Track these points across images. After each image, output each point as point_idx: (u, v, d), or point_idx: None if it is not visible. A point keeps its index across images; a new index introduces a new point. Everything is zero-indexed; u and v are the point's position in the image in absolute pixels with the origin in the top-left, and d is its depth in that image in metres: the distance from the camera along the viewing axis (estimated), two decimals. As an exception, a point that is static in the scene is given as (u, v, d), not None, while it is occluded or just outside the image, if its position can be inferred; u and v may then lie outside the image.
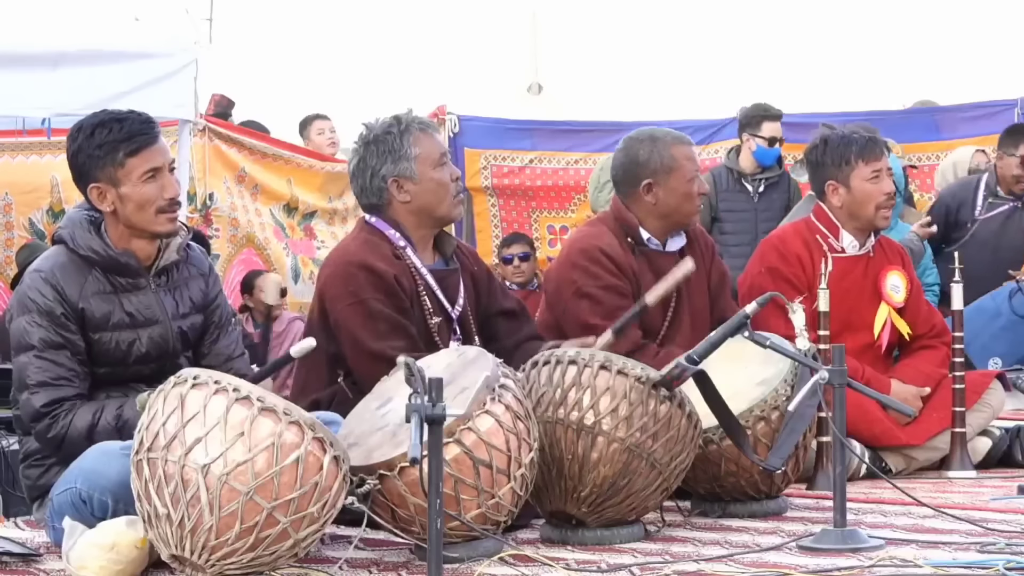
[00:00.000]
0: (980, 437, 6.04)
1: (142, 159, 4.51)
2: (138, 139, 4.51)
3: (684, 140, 5.77)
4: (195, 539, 3.86)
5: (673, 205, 5.65)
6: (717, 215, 9.68)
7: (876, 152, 6.02)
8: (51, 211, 9.99)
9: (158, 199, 4.52)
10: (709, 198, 9.68)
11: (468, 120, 11.38)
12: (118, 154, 4.49)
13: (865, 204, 5.99)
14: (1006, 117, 10.66)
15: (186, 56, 9.19)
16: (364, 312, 4.93)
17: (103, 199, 4.52)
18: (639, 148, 5.69)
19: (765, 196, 9.61)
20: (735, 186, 9.66)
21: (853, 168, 5.99)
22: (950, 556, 4.06)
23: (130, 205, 4.52)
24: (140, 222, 4.54)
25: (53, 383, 4.44)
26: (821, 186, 6.07)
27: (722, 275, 5.88)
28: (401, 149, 5.07)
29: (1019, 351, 8.26)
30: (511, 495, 4.18)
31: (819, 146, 6.08)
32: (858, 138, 6.03)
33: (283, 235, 10.71)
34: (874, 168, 5.99)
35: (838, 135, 6.06)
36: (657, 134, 5.74)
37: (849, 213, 6.02)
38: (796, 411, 4.58)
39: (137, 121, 4.54)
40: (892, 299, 6.04)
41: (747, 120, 9.82)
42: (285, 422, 3.89)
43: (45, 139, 9.50)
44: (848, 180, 5.99)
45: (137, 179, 4.50)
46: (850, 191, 5.99)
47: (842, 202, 6.01)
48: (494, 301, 5.33)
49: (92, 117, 4.56)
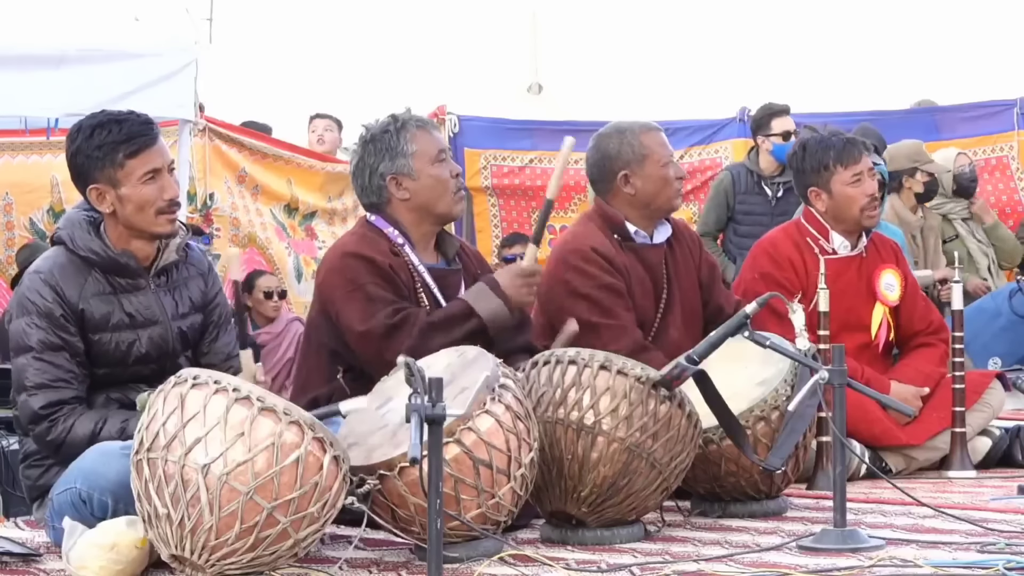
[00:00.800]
0: (980, 437, 6.05)
1: (141, 160, 4.50)
2: (138, 140, 4.50)
3: (652, 127, 5.77)
4: (195, 539, 3.86)
5: (652, 192, 5.65)
6: (733, 215, 9.65)
7: (855, 155, 6.03)
8: (52, 211, 9.99)
9: (157, 200, 4.52)
10: (727, 198, 9.67)
11: (468, 120, 11.38)
12: (118, 155, 4.49)
13: (848, 207, 6.00)
14: (1006, 117, 10.67)
15: (186, 56, 9.18)
16: (363, 296, 4.91)
17: (102, 200, 4.52)
18: (608, 142, 5.70)
19: (783, 200, 9.55)
20: (754, 188, 9.63)
21: (833, 173, 6.01)
22: (950, 556, 4.06)
23: (129, 206, 4.51)
24: (140, 223, 4.53)
25: (51, 385, 4.44)
26: (804, 192, 6.09)
27: (711, 266, 5.89)
28: (398, 146, 5.08)
29: (1019, 351, 8.27)
30: (511, 495, 4.18)
31: (798, 152, 6.10)
32: (836, 142, 6.04)
33: (284, 235, 10.72)
34: (854, 172, 6.00)
35: (816, 140, 6.07)
36: (623, 126, 5.75)
37: (835, 217, 6.03)
38: (796, 411, 4.58)
39: (137, 122, 4.54)
40: (887, 298, 6.05)
41: (757, 123, 9.82)
42: (285, 422, 3.89)
43: (45, 139, 9.49)
44: (829, 185, 6.01)
45: (137, 180, 4.50)
46: (832, 196, 6.01)
47: (826, 207, 6.03)
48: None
49: (91, 118, 4.56)
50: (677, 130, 10.61)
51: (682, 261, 5.75)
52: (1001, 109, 10.82)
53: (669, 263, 5.71)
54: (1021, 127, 10.68)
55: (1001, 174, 10.82)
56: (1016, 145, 10.72)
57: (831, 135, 6.09)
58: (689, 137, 11.09)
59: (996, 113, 10.82)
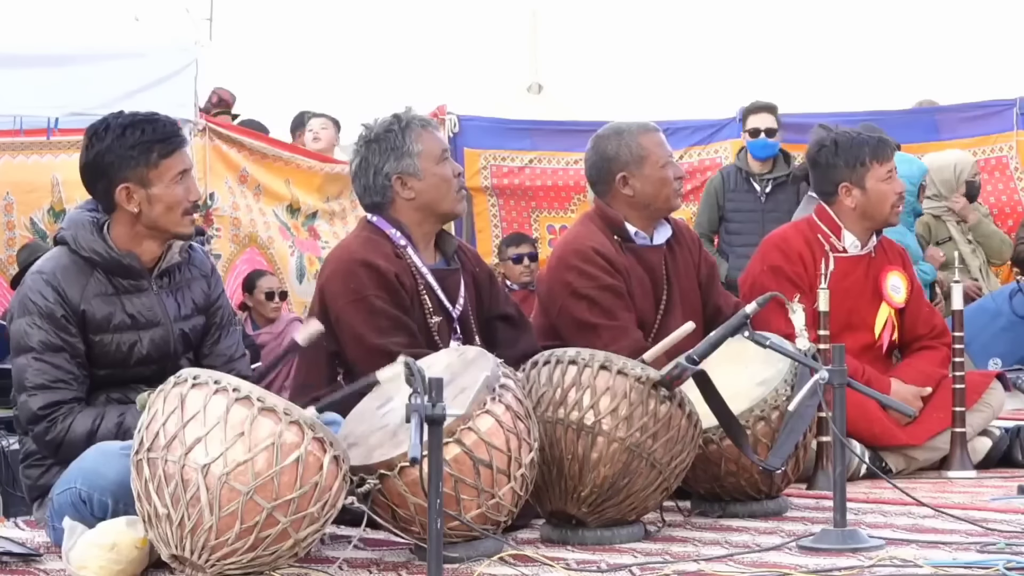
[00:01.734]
0: (980, 437, 6.05)
1: (174, 161, 4.52)
2: (173, 141, 4.52)
3: (651, 128, 5.77)
4: (195, 539, 3.86)
5: (651, 193, 5.65)
6: (724, 214, 9.67)
7: (888, 152, 6.05)
8: (52, 211, 9.97)
9: (184, 201, 4.54)
10: (717, 198, 9.70)
11: (468, 120, 11.38)
12: (152, 155, 4.49)
13: (881, 204, 6.00)
14: (1006, 117, 10.67)
15: (186, 56, 9.19)
16: (366, 309, 4.93)
17: (130, 199, 4.51)
18: (607, 144, 5.70)
19: (772, 197, 9.60)
20: (743, 185, 9.66)
21: (868, 169, 6.00)
22: (950, 556, 4.06)
23: (159, 206, 4.51)
24: (166, 223, 4.54)
25: (51, 386, 4.44)
26: (832, 187, 6.05)
27: (711, 266, 5.89)
28: (404, 146, 5.08)
29: (1019, 351, 8.27)
30: (511, 495, 4.18)
31: (829, 147, 6.06)
32: (870, 139, 6.05)
33: (288, 234, 10.71)
34: (888, 168, 6.02)
35: (849, 136, 6.07)
36: (622, 127, 5.75)
37: (863, 213, 6.02)
38: (796, 411, 4.58)
39: (168, 123, 4.57)
40: (893, 299, 6.05)
41: (741, 119, 9.88)
42: (285, 422, 3.89)
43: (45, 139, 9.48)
44: (863, 181, 5.99)
45: (169, 180, 4.51)
46: (865, 192, 5.99)
47: (856, 203, 6.01)
48: (495, 304, 5.32)
49: (118, 117, 4.54)
50: (677, 130, 10.62)
51: (682, 262, 5.75)
52: (1001, 109, 10.82)
53: (669, 264, 5.71)
54: (1021, 127, 10.68)
55: (1001, 174, 10.83)
56: (1016, 145, 10.72)
57: (858, 132, 6.09)
58: (689, 137, 11.09)
59: (996, 113, 10.83)
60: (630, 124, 5.78)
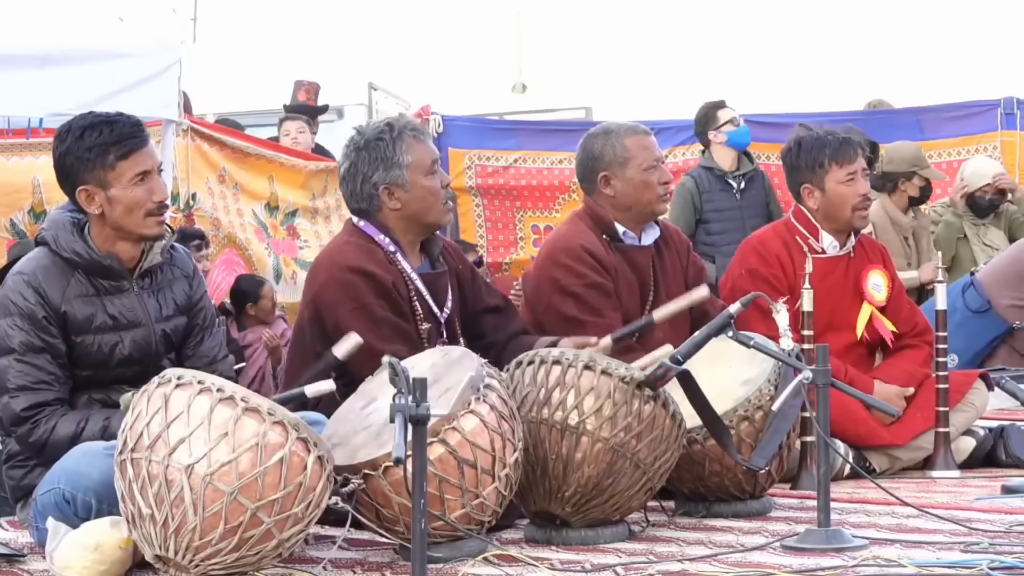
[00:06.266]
0: (964, 437, 6.06)
1: (132, 162, 4.49)
2: (128, 142, 4.49)
3: (639, 130, 5.77)
4: (179, 539, 3.85)
5: (632, 195, 5.66)
6: (702, 216, 9.67)
7: (850, 154, 6.03)
8: (33, 212, 9.94)
9: (147, 202, 4.51)
10: (693, 200, 9.69)
11: (452, 120, 11.37)
12: (108, 157, 4.47)
13: (841, 206, 6.00)
14: (989, 117, 10.68)
15: (171, 56, 9.16)
16: (368, 317, 4.92)
17: (91, 202, 4.51)
18: (594, 143, 5.71)
19: (747, 192, 9.64)
20: (717, 185, 9.66)
21: (827, 171, 6.00)
22: (934, 556, 4.07)
23: (119, 208, 4.50)
24: (128, 225, 4.52)
25: (33, 387, 4.43)
26: (797, 189, 6.09)
27: (699, 270, 5.90)
28: (394, 156, 5.06)
29: (974, 346, 8.25)
30: (495, 495, 4.18)
31: (793, 149, 6.09)
32: (831, 140, 6.04)
33: (265, 235, 10.68)
34: (848, 171, 6.01)
35: (812, 137, 6.07)
36: (611, 127, 5.76)
37: (825, 215, 6.03)
38: (780, 411, 4.59)
39: (127, 124, 4.53)
40: (874, 298, 6.06)
41: (703, 121, 9.87)
42: (269, 422, 3.89)
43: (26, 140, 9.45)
44: (823, 183, 6.01)
45: (127, 182, 4.49)
46: (825, 194, 6.01)
47: (818, 204, 6.03)
48: (479, 299, 5.33)
49: (80, 119, 4.54)
50: (661, 130, 10.59)
51: (670, 263, 5.75)
52: (985, 109, 10.82)
53: (656, 265, 5.72)
54: (1005, 127, 10.69)
55: (984, 174, 10.81)
56: (1000, 145, 10.72)
57: (827, 133, 6.09)
58: (673, 137, 11.08)
59: (980, 113, 10.83)
60: (620, 125, 5.78)
